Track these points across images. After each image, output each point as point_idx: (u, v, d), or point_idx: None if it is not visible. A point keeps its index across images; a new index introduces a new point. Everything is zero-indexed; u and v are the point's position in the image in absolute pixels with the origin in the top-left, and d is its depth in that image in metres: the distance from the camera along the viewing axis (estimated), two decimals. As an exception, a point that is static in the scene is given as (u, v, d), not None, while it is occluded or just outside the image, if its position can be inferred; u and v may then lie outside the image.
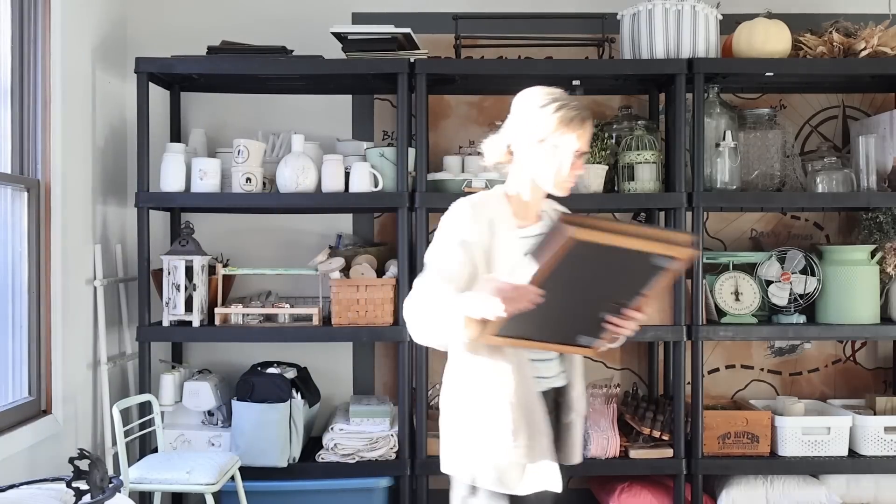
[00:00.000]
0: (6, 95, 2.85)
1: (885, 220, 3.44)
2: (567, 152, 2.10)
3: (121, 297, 3.53)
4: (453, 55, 3.47)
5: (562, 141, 2.09)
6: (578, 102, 2.13)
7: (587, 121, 2.11)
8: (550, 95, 2.13)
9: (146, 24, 3.69)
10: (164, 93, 3.55)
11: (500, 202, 2.17)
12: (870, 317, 3.35)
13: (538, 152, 2.11)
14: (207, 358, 3.66)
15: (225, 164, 3.32)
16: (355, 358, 3.74)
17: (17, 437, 2.69)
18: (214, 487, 2.78)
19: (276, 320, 3.32)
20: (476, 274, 2.04)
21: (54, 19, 2.98)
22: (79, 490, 2.09)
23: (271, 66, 3.30)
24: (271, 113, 3.71)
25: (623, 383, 3.71)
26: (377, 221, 3.75)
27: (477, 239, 2.06)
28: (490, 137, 2.22)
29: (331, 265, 3.26)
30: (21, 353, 2.90)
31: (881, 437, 3.32)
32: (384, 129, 3.74)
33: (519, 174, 2.18)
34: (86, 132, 3.27)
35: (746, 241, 3.76)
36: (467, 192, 3.24)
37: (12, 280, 2.87)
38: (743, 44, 3.32)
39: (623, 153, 3.38)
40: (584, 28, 3.57)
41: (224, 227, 3.69)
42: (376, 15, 3.66)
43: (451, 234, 2.08)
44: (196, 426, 3.35)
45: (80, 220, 3.22)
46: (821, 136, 3.77)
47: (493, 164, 2.23)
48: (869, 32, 3.33)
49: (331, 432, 3.26)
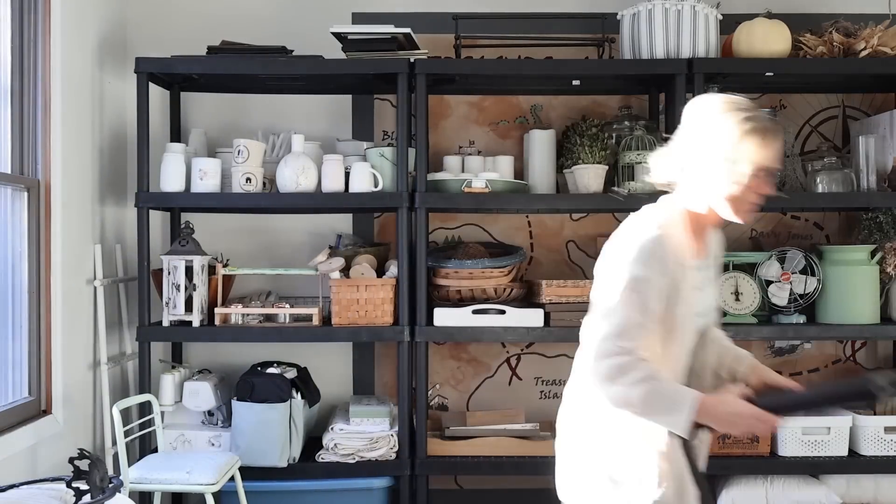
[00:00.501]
0: (6, 95, 2.85)
1: (885, 220, 3.44)
2: (753, 171, 1.83)
3: (121, 298, 3.53)
4: (453, 55, 3.47)
5: (747, 158, 1.82)
6: (767, 113, 1.89)
7: (778, 135, 1.86)
8: (734, 104, 1.87)
9: (146, 24, 3.69)
10: (164, 93, 3.55)
11: (681, 228, 1.93)
12: (870, 317, 3.34)
13: (718, 171, 1.85)
14: (207, 358, 3.66)
15: (225, 164, 3.32)
16: (355, 358, 3.74)
17: (17, 437, 2.69)
18: (214, 487, 2.78)
19: (276, 320, 3.32)
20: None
21: (54, 19, 2.98)
22: (79, 490, 2.09)
23: (271, 66, 3.30)
24: (271, 113, 3.71)
25: (623, 383, 3.71)
26: (377, 221, 3.75)
27: (668, 280, 1.84)
28: (659, 150, 2.00)
29: (331, 265, 3.26)
30: (21, 353, 2.90)
31: (881, 437, 3.32)
32: (384, 129, 3.74)
33: (693, 196, 1.92)
34: (86, 132, 3.27)
35: (746, 241, 3.76)
36: (467, 192, 3.25)
37: (12, 280, 2.87)
38: (743, 44, 3.32)
39: (623, 153, 3.38)
40: (584, 28, 3.57)
41: (224, 227, 3.69)
42: (376, 15, 3.66)
43: (644, 278, 1.82)
44: (196, 426, 3.34)
45: (80, 220, 3.21)
46: (821, 136, 3.77)
47: (661, 183, 1.99)
48: (869, 32, 3.33)
49: (331, 432, 3.26)
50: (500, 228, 3.75)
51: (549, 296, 3.29)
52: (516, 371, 3.75)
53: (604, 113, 3.71)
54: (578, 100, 3.74)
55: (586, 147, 3.35)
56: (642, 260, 1.83)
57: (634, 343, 1.80)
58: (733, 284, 3.39)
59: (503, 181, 3.32)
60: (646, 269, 1.82)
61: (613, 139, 3.49)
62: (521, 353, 3.75)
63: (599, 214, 3.73)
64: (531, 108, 3.76)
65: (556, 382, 3.73)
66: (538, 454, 3.29)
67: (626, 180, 3.36)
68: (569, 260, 3.75)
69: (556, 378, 3.74)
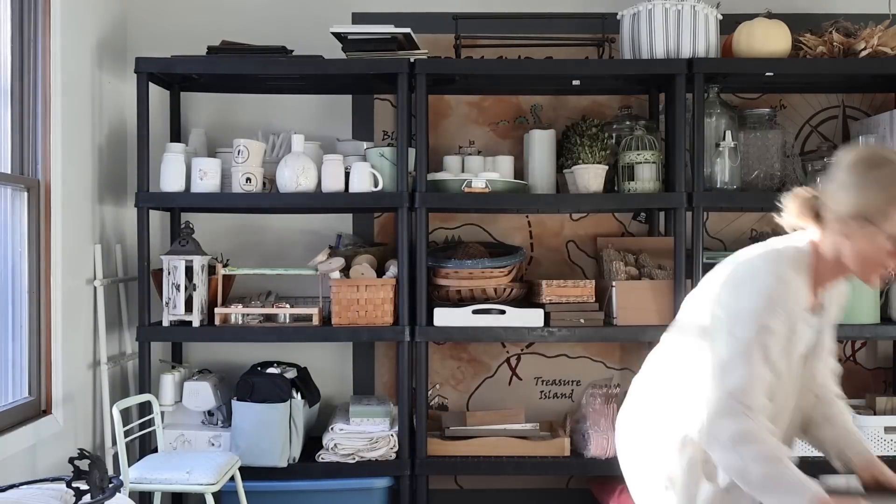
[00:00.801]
0: (6, 95, 2.85)
1: (885, 220, 3.44)
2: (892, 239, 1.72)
3: (121, 297, 3.53)
4: (453, 55, 3.47)
5: (892, 223, 1.72)
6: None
7: None
8: (889, 164, 1.74)
9: (146, 24, 3.69)
10: (164, 93, 3.55)
11: (806, 275, 1.81)
12: (870, 317, 3.34)
13: (859, 228, 1.74)
14: (207, 358, 3.66)
15: (225, 164, 3.32)
16: (355, 358, 3.74)
17: (17, 437, 2.69)
18: (214, 487, 2.78)
19: (276, 320, 3.32)
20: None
21: (54, 19, 2.98)
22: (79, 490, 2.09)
23: (271, 66, 3.30)
24: (271, 113, 3.71)
25: (623, 383, 3.71)
26: (377, 221, 3.75)
27: (787, 330, 1.75)
28: (797, 190, 1.90)
29: (331, 265, 3.26)
30: (21, 353, 2.90)
31: (881, 437, 3.32)
32: (384, 129, 3.74)
33: (827, 245, 1.81)
34: (86, 132, 3.27)
35: (746, 241, 3.75)
36: (467, 192, 3.25)
37: (12, 280, 2.87)
38: (743, 44, 3.32)
39: (623, 153, 3.38)
40: (584, 28, 3.57)
41: (224, 227, 3.69)
42: (376, 15, 3.66)
43: (770, 329, 1.72)
44: (196, 426, 3.34)
45: (80, 220, 3.22)
46: (821, 136, 3.77)
47: (792, 223, 1.90)
48: (869, 32, 3.33)
49: (331, 432, 3.26)
50: (500, 228, 3.75)
51: (549, 296, 3.29)
52: (516, 371, 3.75)
53: (604, 113, 3.71)
54: (578, 100, 3.74)
55: (586, 147, 3.35)
56: (770, 309, 1.72)
57: (758, 402, 1.70)
58: (733, 284, 3.38)
59: (503, 181, 3.32)
60: (773, 320, 1.72)
61: (613, 139, 3.49)
62: (521, 353, 3.75)
63: (599, 214, 3.73)
64: (531, 108, 3.76)
65: (556, 382, 3.73)
66: (538, 454, 3.30)
67: (626, 180, 3.36)
68: (569, 260, 3.75)
69: (556, 378, 3.74)
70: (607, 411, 3.31)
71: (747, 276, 1.80)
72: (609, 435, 3.26)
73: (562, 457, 3.31)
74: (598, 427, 3.28)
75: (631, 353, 3.75)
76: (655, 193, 3.32)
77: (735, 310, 1.76)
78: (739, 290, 1.78)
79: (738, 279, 1.81)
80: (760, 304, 1.73)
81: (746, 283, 1.78)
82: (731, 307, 1.78)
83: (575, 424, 3.42)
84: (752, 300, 1.74)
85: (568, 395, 3.73)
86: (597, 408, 3.32)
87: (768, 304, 1.72)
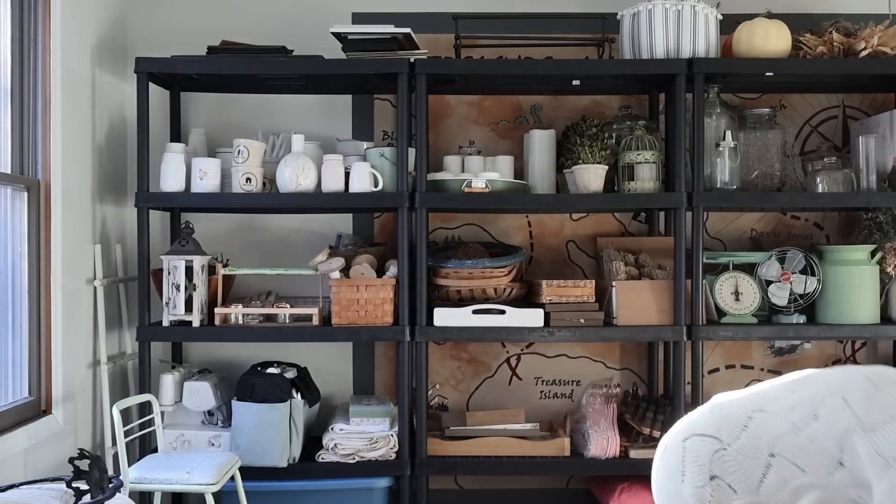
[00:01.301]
0: (6, 95, 2.85)
1: (885, 220, 3.44)
2: None
3: (121, 297, 3.53)
4: (453, 55, 3.48)
5: None
6: None
7: None
8: None
9: (146, 24, 3.69)
10: (164, 93, 3.55)
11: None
12: (870, 317, 3.34)
13: None
14: (207, 358, 3.66)
15: (225, 164, 3.32)
16: (355, 358, 3.74)
17: (18, 436, 2.69)
18: (214, 487, 2.78)
19: (276, 320, 3.32)
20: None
21: (54, 19, 2.99)
22: (79, 490, 2.09)
23: (271, 66, 3.30)
24: (271, 113, 3.71)
25: (623, 383, 3.71)
26: (377, 221, 3.75)
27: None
28: None
29: (331, 265, 3.26)
30: (21, 353, 2.90)
31: (881, 437, 3.32)
32: (384, 129, 3.74)
33: None
34: (86, 132, 3.27)
35: (746, 241, 3.76)
36: (467, 192, 3.25)
37: (12, 280, 2.87)
38: (743, 44, 3.32)
39: (623, 153, 3.38)
40: (584, 28, 3.58)
41: (224, 226, 3.69)
42: (376, 15, 3.66)
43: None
44: (196, 426, 3.34)
45: (80, 220, 3.22)
46: (821, 136, 3.77)
47: None
48: (869, 32, 3.33)
49: (331, 432, 3.26)
50: (500, 228, 3.75)
51: (549, 296, 3.29)
52: (516, 371, 3.75)
53: (604, 113, 3.71)
54: (578, 100, 3.74)
55: (586, 147, 3.35)
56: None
57: None
58: (733, 284, 3.39)
59: (503, 181, 3.32)
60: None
61: (613, 139, 3.49)
62: (521, 353, 3.75)
63: (599, 214, 3.73)
64: (531, 108, 3.76)
65: (556, 382, 3.74)
66: (538, 454, 3.30)
67: (626, 180, 3.36)
68: (569, 260, 3.75)
69: (556, 378, 3.74)
70: (607, 411, 3.31)
71: None
72: (609, 435, 3.26)
73: (562, 457, 3.31)
74: (598, 427, 3.28)
75: (631, 354, 3.75)
76: (655, 193, 3.32)
77: None
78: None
79: None
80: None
81: None
82: None
83: (575, 424, 3.42)
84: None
85: (568, 395, 3.73)
86: (597, 408, 3.32)
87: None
